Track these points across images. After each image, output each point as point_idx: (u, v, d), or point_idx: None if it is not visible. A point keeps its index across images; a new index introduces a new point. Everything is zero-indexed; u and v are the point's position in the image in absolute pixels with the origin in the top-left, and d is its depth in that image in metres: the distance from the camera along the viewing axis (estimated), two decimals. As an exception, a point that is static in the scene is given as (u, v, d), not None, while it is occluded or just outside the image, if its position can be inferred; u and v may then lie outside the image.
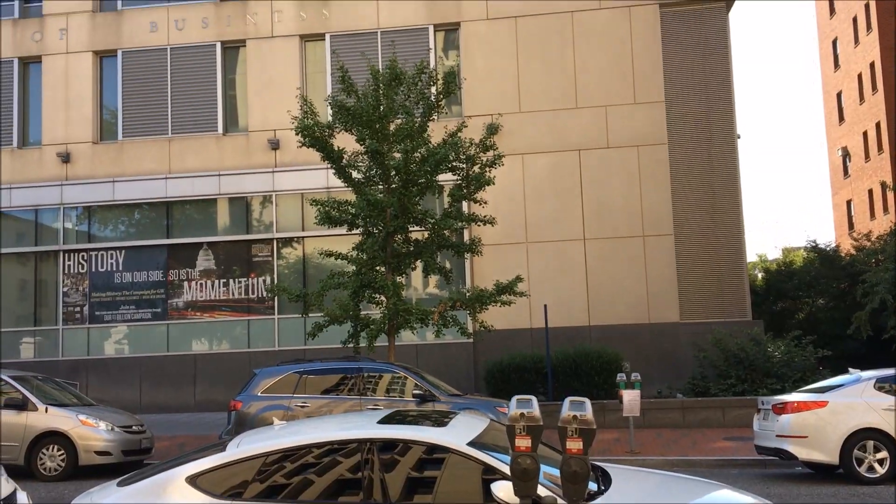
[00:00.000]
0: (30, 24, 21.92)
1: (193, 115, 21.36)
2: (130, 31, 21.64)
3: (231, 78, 21.74)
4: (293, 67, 21.10)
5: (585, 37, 20.25)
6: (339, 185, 17.14)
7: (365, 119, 14.37)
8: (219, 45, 21.44)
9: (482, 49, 20.55)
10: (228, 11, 21.43)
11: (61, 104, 21.56)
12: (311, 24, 21.18)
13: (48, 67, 21.78)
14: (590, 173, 19.99)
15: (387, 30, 20.82)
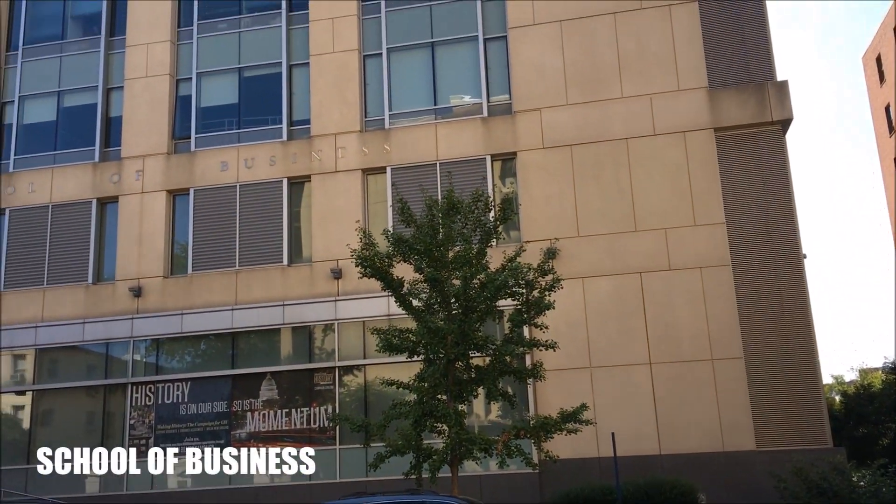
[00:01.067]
0: (109, 167, 23.26)
1: (260, 247, 22.02)
2: (202, 171, 22.74)
3: (296, 210, 22.48)
4: (355, 199, 21.76)
5: (641, 161, 20.50)
6: (400, 313, 17.19)
7: (423, 248, 14.61)
8: (285, 180, 22.32)
9: (538, 175, 20.94)
10: (295, 149, 22.43)
11: (135, 241, 22.52)
12: (373, 158, 21.96)
13: (124, 206, 22.90)
14: (652, 296, 19.73)
15: (445, 161, 21.45)
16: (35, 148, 23.95)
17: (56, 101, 24.26)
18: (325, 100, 22.52)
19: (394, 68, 22.67)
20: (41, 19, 25.05)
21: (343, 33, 22.84)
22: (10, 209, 23.42)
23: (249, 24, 23.77)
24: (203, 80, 23.60)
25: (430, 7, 22.74)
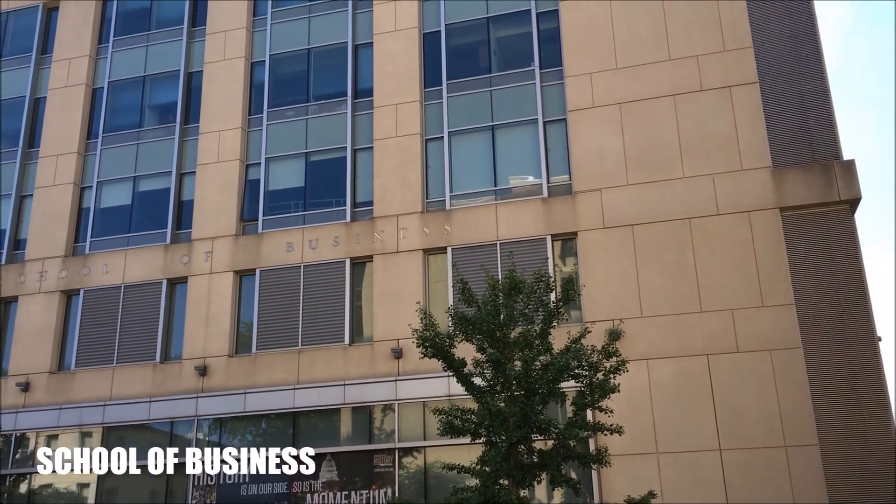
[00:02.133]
0: (179, 249, 24.01)
1: (322, 327, 22.26)
2: (268, 252, 23.30)
3: (358, 290, 22.76)
4: (416, 279, 21.94)
5: (704, 241, 20.26)
6: (461, 394, 17.10)
7: (485, 328, 14.59)
8: (348, 261, 22.68)
9: (599, 255, 20.85)
10: (358, 230, 22.86)
11: (202, 320, 23.02)
12: (434, 238, 22.22)
13: (193, 287, 23.51)
14: (720, 379, 19.17)
15: (505, 241, 21.56)
16: (110, 231, 24.93)
17: (132, 186, 25.34)
18: (388, 182, 23.03)
19: (455, 151, 23.13)
20: (121, 109, 26.42)
21: (406, 119, 23.48)
22: (84, 290, 24.26)
23: (316, 111, 24.65)
24: (271, 165, 24.42)
25: (490, 92, 23.28)
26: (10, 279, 24.86)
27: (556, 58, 23.16)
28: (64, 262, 24.63)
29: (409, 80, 23.83)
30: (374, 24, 24.74)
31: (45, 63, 27.60)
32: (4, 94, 27.49)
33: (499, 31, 24.08)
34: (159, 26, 26.88)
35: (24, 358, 23.81)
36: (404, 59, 24.07)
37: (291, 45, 25.41)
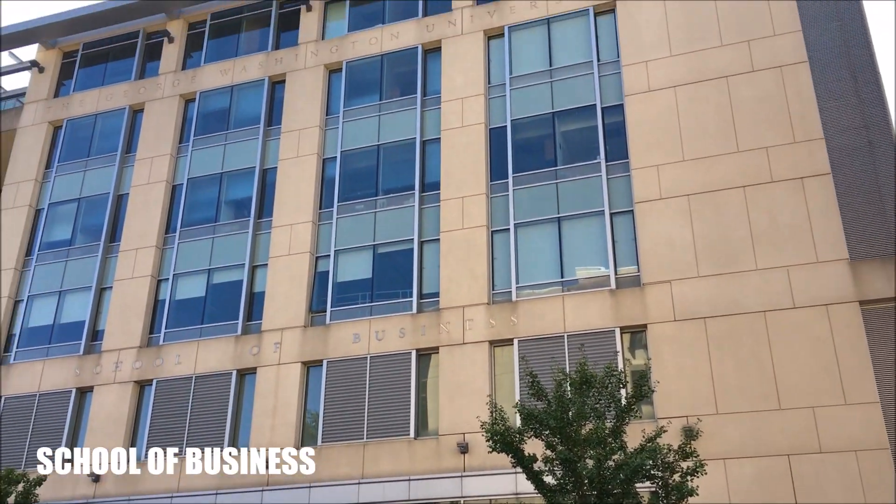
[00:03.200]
0: (249, 340, 24.37)
1: (387, 419, 22.08)
2: (336, 343, 23.45)
3: (423, 382, 22.60)
4: (482, 371, 21.71)
5: (781, 335, 19.61)
6: (530, 491, 16.65)
7: (554, 424, 14.26)
8: (414, 352, 22.64)
9: (671, 349, 20.34)
10: (424, 321, 22.89)
11: (269, 411, 23.10)
12: (500, 330, 22.07)
13: (262, 377, 23.72)
14: (803, 481, 18.19)
15: (573, 333, 21.26)
16: (184, 322, 25.52)
17: (206, 279, 26.04)
18: (454, 273, 23.14)
19: (521, 242, 23.19)
20: (198, 204, 27.44)
21: (472, 211, 23.76)
22: (157, 380, 24.71)
23: (385, 204, 25.17)
24: (340, 257, 24.86)
25: (555, 185, 23.46)
26: (86, 369, 25.52)
27: (621, 150, 23.31)
28: (139, 353, 25.23)
29: (476, 173, 24.22)
30: (441, 121, 25.41)
31: (128, 162, 29.02)
32: (90, 191, 28.90)
33: (564, 125, 24.45)
34: (237, 126, 28.13)
35: (97, 448, 24.09)
36: (471, 153, 24.55)
37: (362, 142, 26.22)
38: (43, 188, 29.77)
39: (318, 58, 28.01)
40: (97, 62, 31.58)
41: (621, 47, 24.44)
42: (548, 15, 25.77)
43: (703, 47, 23.45)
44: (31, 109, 31.22)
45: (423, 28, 27.12)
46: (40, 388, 25.71)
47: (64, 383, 25.51)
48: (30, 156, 30.24)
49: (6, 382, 26.24)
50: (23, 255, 28.65)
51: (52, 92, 31.52)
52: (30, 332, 27.13)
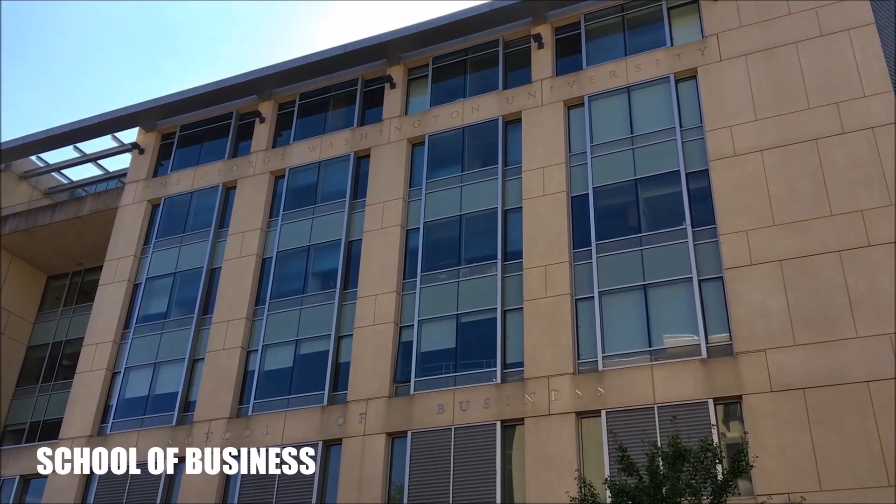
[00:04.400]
0: (335, 411, 24.53)
1: (473, 493, 21.69)
2: (420, 414, 23.36)
3: (509, 454, 22.20)
4: (569, 443, 21.20)
5: (887, 406, 18.51)
6: (623, 573, 15.97)
7: (648, 501, 13.74)
8: (498, 423, 22.33)
9: (769, 422, 19.44)
10: (508, 392, 22.61)
11: (356, 484, 23.02)
12: (587, 401, 21.59)
13: (347, 449, 23.74)
14: (920, 564, 16.89)
15: (663, 404, 20.62)
16: (272, 392, 25.94)
17: (293, 349, 26.51)
18: (538, 343, 22.90)
19: (606, 310, 22.84)
20: (287, 276, 28.17)
21: (555, 279, 23.61)
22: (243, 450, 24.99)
23: (467, 273, 25.28)
24: (424, 327, 24.97)
25: (640, 252, 23.14)
26: (179, 440, 26.08)
27: (708, 216, 22.90)
28: (228, 424, 25.68)
29: (558, 241, 24.16)
30: (523, 190, 25.57)
31: (221, 236, 30.14)
32: (185, 265, 30.06)
33: (647, 191, 24.24)
34: (324, 200, 28.95)
35: (187, 519, 24.48)
36: (553, 221, 24.54)
37: (444, 213, 26.57)
38: (141, 263, 31.12)
39: (402, 132, 28.76)
40: (193, 143, 33.24)
41: (704, 113, 24.26)
42: (628, 83, 25.89)
43: (790, 110, 23.05)
44: (132, 189, 32.93)
45: (503, 100, 27.60)
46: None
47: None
48: (130, 233, 31.76)
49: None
50: (121, 329, 29.82)
51: (151, 172, 33.22)
52: (126, 403, 28.03)
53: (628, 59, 26.28)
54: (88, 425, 27.79)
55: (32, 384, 34.33)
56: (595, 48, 27.42)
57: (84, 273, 36.28)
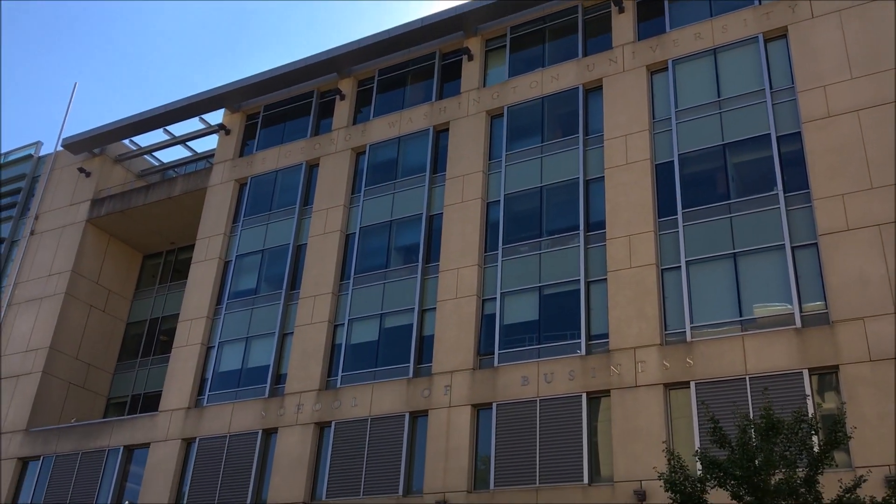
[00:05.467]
0: (420, 383, 24.83)
1: (559, 464, 21.68)
2: (504, 386, 23.42)
3: (594, 426, 22.06)
4: (657, 415, 20.91)
5: None
6: (715, 545, 15.73)
7: (740, 474, 13.44)
8: (584, 395, 22.20)
9: (868, 392, 18.71)
10: (593, 364, 22.43)
11: (441, 454, 23.31)
12: (675, 372, 21.23)
13: (433, 420, 24.03)
14: None
15: (755, 375, 20.08)
16: (359, 365, 26.45)
17: (378, 323, 26.92)
18: (624, 314, 22.59)
19: (693, 280, 22.33)
20: (370, 252, 28.55)
21: (640, 249, 23.19)
22: (335, 422, 25.64)
23: (549, 245, 25.08)
24: (506, 299, 24.94)
25: (729, 219, 22.48)
26: (271, 411, 26.94)
27: (801, 180, 22.05)
28: (318, 396, 26.35)
29: (643, 210, 23.68)
30: (605, 159, 25.13)
31: (306, 214, 30.73)
32: (272, 242, 30.82)
33: (736, 156, 23.48)
34: (404, 175, 29.14)
35: (282, 487, 25.30)
36: (637, 190, 24.06)
37: (525, 184, 26.38)
38: (231, 241, 32.05)
39: (480, 104, 28.61)
40: (276, 122, 33.89)
41: (796, 73, 23.26)
42: (714, 45, 25.03)
43: (886, 68, 21.88)
44: (220, 169, 33.87)
45: (583, 68, 27.10)
46: (230, 429, 27.37)
47: (251, 425, 27.04)
48: (219, 212, 32.71)
49: (200, 424, 28.15)
50: (214, 305, 30.85)
51: (238, 152, 34.07)
52: (221, 377, 29.08)
53: (714, 20, 25.39)
54: (186, 398, 28.96)
55: (132, 359, 35.99)
56: (678, 10, 26.57)
57: (177, 252, 37.67)
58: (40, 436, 31.42)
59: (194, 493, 26.74)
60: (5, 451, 31.60)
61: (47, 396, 32.69)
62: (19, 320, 34.78)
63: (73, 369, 34.06)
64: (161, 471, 27.77)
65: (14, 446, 31.56)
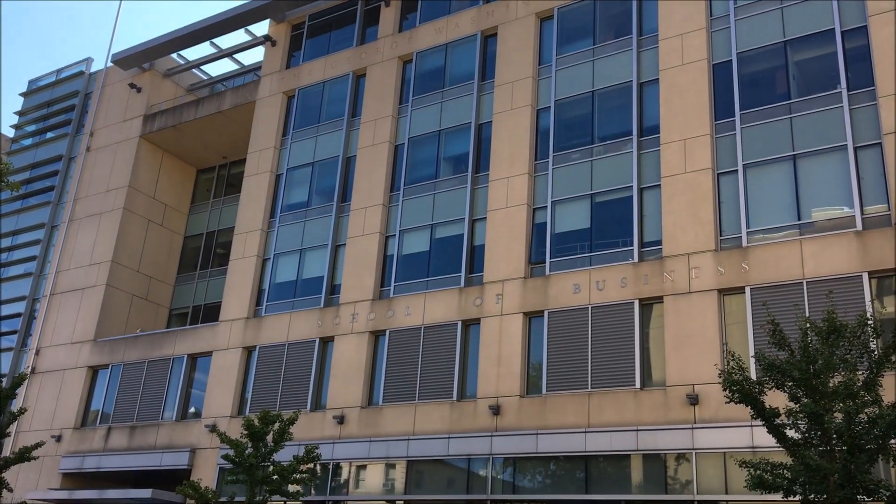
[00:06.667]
0: (472, 292, 25.06)
1: (611, 369, 21.89)
2: (556, 294, 23.50)
3: (646, 332, 22.11)
4: (711, 322, 20.84)
5: None
6: (768, 445, 15.85)
7: (799, 376, 13.39)
8: (636, 302, 22.17)
9: (931, 296, 18.32)
10: (646, 270, 22.31)
11: (494, 361, 23.71)
12: (730, 277, 21.01)
13: (485, 328, 24.36)
14: None
15: (813, 279, 19.77)
16: (411, 275, 26.75)
17: (429, 233, 27.04)
18: (678, 220, 22.27)
19: (751, 184, 21.82)
20: (419, 162, 28.44)
21: (695, 153, 22.66)
22: (389, 331, 26.16)
23: (601, 151, 24.65)
24: (557, 208, 24.76)
25: (789, 120, 21.73)
26: (327, 321, 27.57)
27: (866, 78, 21.09)
28: (372, 306, 26.83)
29: (698, 113, 23.02)
30: (659, 60, 24.32)
31: (354, 125, 30.60)
32: (322, 154, 30.89)
33: (797, 54, 22.50)
34: (452, 83, 28.67)
35: (340, 393, 26.15)
36: (692, 92, 23.33)
37: (576, 89, 25.76)
38: (281, 154, 32.21)
39: (529, 7, 27.73)
40: (322, 32, 33.44)
41: (863, -38, 21.94)
42: (775, -65, 23.67)
43: (966, -49, 20.49)
44: (267, 82, 33.75)
45: (636, -35, 25.95)
46: (288, 338, 28.16)
47: (308, 334, 27.77)
48: (268, 125, 32.78)
49: (260, 333, 29.01)
50: (267, 217, 31.30)
51: (284, 63, 33.83)
52: (277, 288, 29.74)
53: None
54: (244, 308, 29.76)
55: (191, 271, 36.98)
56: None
57: (230, 166, 38.08)
58: (108, 346, 32.78)
59: (256, 398, 27.79)
60: (76, 361, 33.12)
61: (112, 308, 33.96)
62: (81, 235, 35.84)
63: (136, 282, 35.19)
64: (224, 378, 28.85)
65: (84, 356, 33.03)
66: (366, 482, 25.07)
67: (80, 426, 31.98)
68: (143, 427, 30.20)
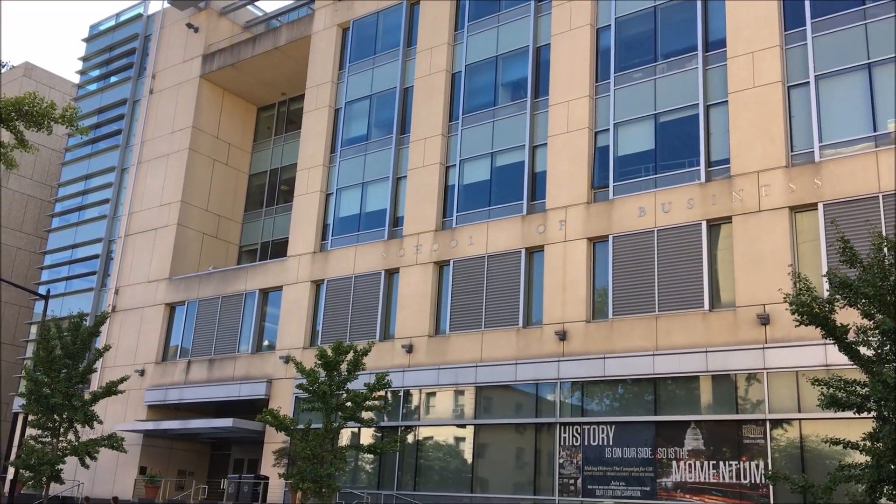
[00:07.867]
0: (534, 219, 24.94)
1: (679, 292, 21.68)
2: (620, 218, 23.22)
3: (715, 253, 21.75)
4: (782, 240, 20.36)
5: None
6: (841, 363, 15.62)
7: (872, 293, 13.04)
8: (704, 223, 21.76)
9: None
10: (713, 190, 21.81)
11: (559, 287, 23.71)
12: (801, 194, 20.40)
13: (549, 255, 24.30)
14: None
15: (889, 193, 19.04)
16: (473, 205, 26.72)
17: (490, 162, 26.86)
18: (746, 137, 21.60)
19: (823, 96, 20.95)
20: (477, 90, 28.06)
21: (764, 66, 21.79)
22: (453, 261, 26.32)
23: (664, 69, 23.89)
24: (620, 130, 24.25)
25: (864, 27, 20.63)
26: (392, 253, 27.89)
27: (950, -25, 19.77)
28: (435, 236, 26.98)
29: (767, 24, 22.03)
30: (724, -29, 23.24)
31: (410, 55, 30.27)
32: (379, 87, 30.73)
33: (874, -46, 21.18)
34: (508, 6, 27.97)
35: (407, 323, 26.60)
36: (760, 2, 22.28)
37: (637, 5, 24.87)
38: (339, 88, 32.18)
39: (586, -79, 26.66)
40: (373, -39, 32.89)
41: None
42: None
43: None
44: (321, 14, 33.51)
45: None
46: (355, 270, 28.63)
47: (374, 266, 28.17)
48: (324, 59, 32.69)
49: (327, 266, 29.57)
50: (328, 152, 31.51)
51: (337, -4, 33.50)
52: (342, 222, 30.13)
53: None
54: (311, 243, 30.31)
55: (258, 208, 37.70)
56: None
57: (289, 102, 38.27)
58: (182, 283, 33.91)
59: (327, 330, 28.51)
60: (154, 299, 34.40)
61: (185, 247, 34.99)
62: (150, 177, 36.78)
63: (205, 220, 36.09)
64: (295, 310, 29.62)
65: (161, 293, 34.28)
66: (436, 408, 25.69)
67: (161, 361, 33.41)
68: (220, 360, 31.38)
